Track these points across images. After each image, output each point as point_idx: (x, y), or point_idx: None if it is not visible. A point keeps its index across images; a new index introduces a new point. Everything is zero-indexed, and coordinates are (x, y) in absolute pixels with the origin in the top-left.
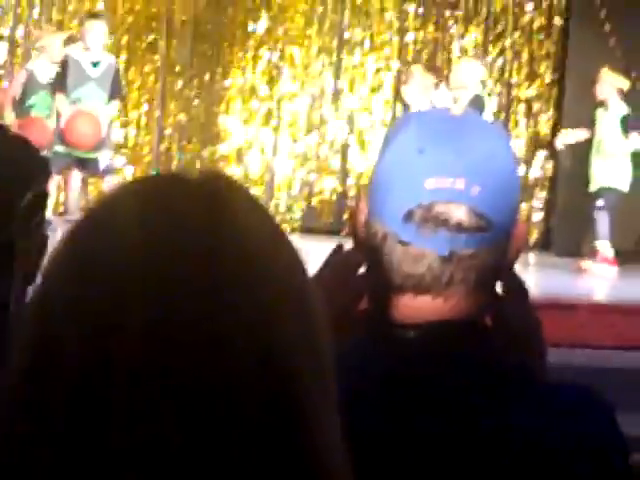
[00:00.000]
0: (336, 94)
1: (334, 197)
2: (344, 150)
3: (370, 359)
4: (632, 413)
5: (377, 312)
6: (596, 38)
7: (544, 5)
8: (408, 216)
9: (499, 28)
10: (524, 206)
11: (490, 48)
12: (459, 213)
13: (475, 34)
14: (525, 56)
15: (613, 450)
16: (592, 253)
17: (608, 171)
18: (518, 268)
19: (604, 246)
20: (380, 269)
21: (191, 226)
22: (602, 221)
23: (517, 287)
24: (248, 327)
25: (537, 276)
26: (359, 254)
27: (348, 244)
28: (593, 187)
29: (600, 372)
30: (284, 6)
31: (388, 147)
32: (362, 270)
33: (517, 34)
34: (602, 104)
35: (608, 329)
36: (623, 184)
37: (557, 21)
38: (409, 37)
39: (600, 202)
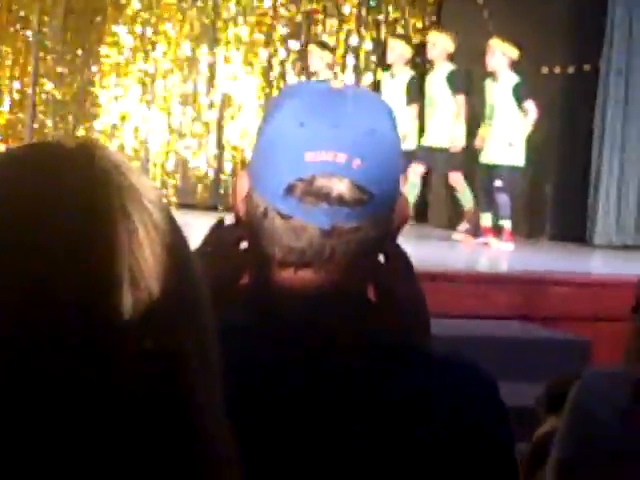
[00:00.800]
0: (211, 69)
1: (209, 172)
2: (219, 125)
3: (252, 334)
4: (506, 382)
5: (259, 287)
6: (469, 10)
7: None
8: (289, 190)
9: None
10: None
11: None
12: (340, 186)
13: (349, 7)
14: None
15: (496, 423)
16: (496, 231)
17: (502, 146)
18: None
19: (507, 225)
20: (261, 243)
21: (66, 187)
22: (503, 201)
23: (400, 260)
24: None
25: (414, 247)
26: (239, 229)
27: (228, 219)
28: (485, 159)
29: (474, 341)
30: None
31: (268, 121)
32: (243, 245)
33: (391, 8)
34: (491, 75)
35: (483, 299)
36: (519, 159)
37: None
38: (280, 11)
39: (498, 183)
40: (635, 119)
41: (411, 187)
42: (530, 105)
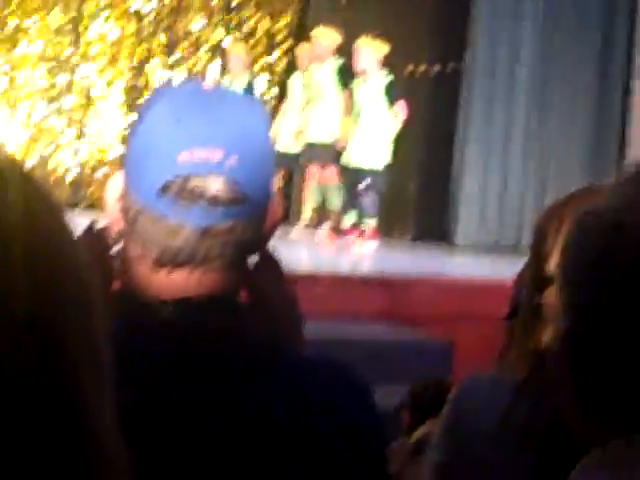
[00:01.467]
0: (74, 65)
1: (71, 170)
2: (81, 122)
3: (126, 337)
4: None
5: (132, 289)
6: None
7: None
8: (164, 189)
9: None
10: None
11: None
12: (216, 185)
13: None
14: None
15: (368, 429)
16: (360, 229)
17: (369, 149)
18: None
19: (373, 223)
20: (136, 244)
21: None
22: (369, 201)
23: (271, 261)
24: (23, 303)
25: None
26: (112, 231)
27: (100, 221)
28: (349, 160)
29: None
30: None
31: (142, 120)
32: (116, 248)
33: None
34: (359, 74)
35: (348, 301)
36: (384, 161)
37: None
38: (146, 8)
39: (361, 186)
40: (497, 119)
41: (314, 192)
42: (401, 105)
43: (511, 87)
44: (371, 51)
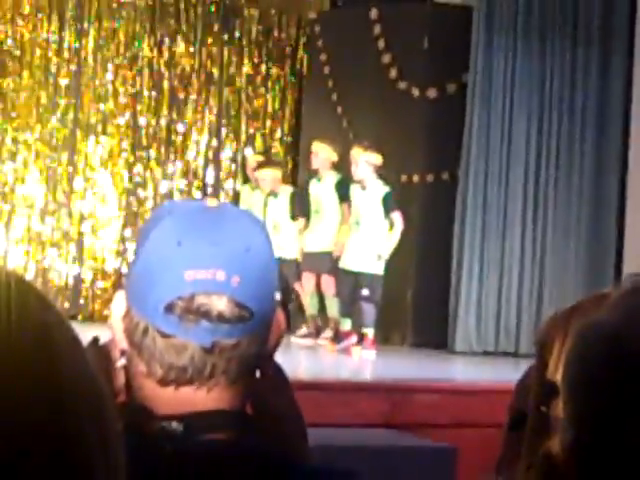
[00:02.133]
0: (70, 178)
1: (70, 282)
2: (80, 235)
3: (134, 452)
4: None
5: (138, 405)
6: (329, 120)
7: (277, 88)
8: (169, 308)
9: (232, 113)
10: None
11: (224, 133)
12: (220, 304)
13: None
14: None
15: None
16: (358, 338)
17: (368, 255)
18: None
19: (370, 333)
20: (141, 361)
21: None
22: (369, 310)
23: (276, 374)
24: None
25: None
26: (116, 346)
27: (103, 334)
28: (348, 265)
29: (342, 450)
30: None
31: (145, 240)
32: (120, 363)
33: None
34: (359, 183)
35: (350, 407)
36: (381, 268)
37: (290, 104)
38: (142, 121)
39: (365, 292)
40: (493, 227)
41: (311, 297)
42: (397, 216)
43: (506, 195)
44: (365, 161)
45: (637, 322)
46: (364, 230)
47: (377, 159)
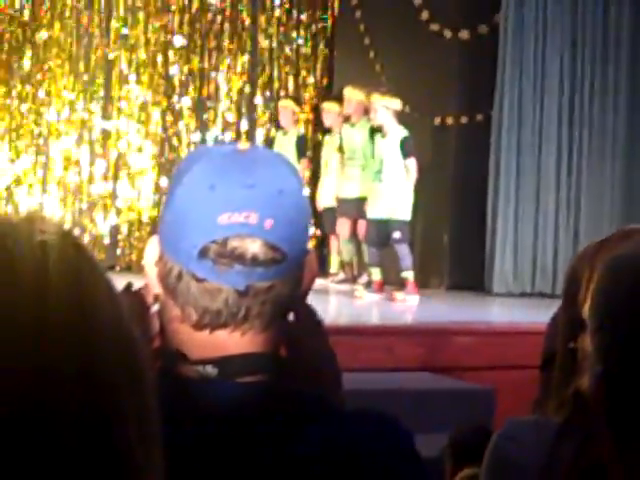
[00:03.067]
0: (105, 130)
1: (105, 233)
2: (114, 186)
3: (169, 396)
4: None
5: (172, 350)
6: (361, 64)
7: (309, 34)
8: (203, 253)
9: (264, 60)
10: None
11: (258, 78)
12: (254, 247)
13: (241, 65)
14: (291, 85)
15: (414, 476)
16: (401, 284)
17: (393, 201)
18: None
19: (410, 275)
20: (176, 306)
21: (18, 266)
22: (404, 252)
23: (309, 317)
24: (72, 360)
25: (317, 301)
26: (149, 292)
27: (136, 281)
28: (376, 214)
29: (380, 394)
30: (49, 43)
31: (178, 184)
32: (154, 308)
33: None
34: (379, 130)
35: (388, 352)
36: (408, 213)
37: (322, 49)
38: (174, 70)
39: (396, 234)
40: (528, 168)
41: (345, 245)
42: (411, 163)
43: (540, 135)
44: (383, 106)
45: None
46: (387, 178)
47: (396, 104)
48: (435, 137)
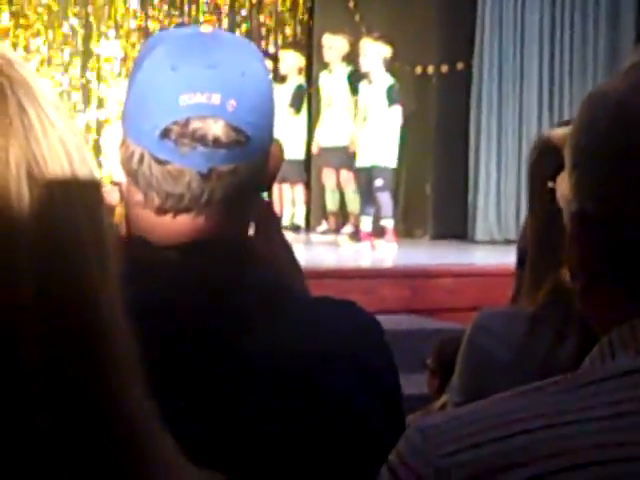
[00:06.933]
0: (85, 84)
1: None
2: (97, 140)
3: (133, 284)
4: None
5: (136, 237)
6: (341, 15)
7: None
8: (164, 134)
9: (244, 12)
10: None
11: (238, 32)
12: (216, 128)
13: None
14: (272, 38)
15: (380, 365)
16: (378, 231)
17: (378, 148)
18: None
19: (390, 224)
20: (138, 191)
21: None
22: (385, 200)
23: (271, 213)
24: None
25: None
26: (111, 193)
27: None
28: (362, 162)
29: None
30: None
31: (140, 67)
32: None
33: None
34: (365, 76)
35: (370, 294)
36: (393, 160)
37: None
38: (152, 25)
39: (379, 182)
40: (510, 115)
41: (329, 194)
42: (395, 110)
43: (521, 83)
44: (374, 52)
45: None
46: (372, 125)
47: (387, 51)
48: (417, 86)
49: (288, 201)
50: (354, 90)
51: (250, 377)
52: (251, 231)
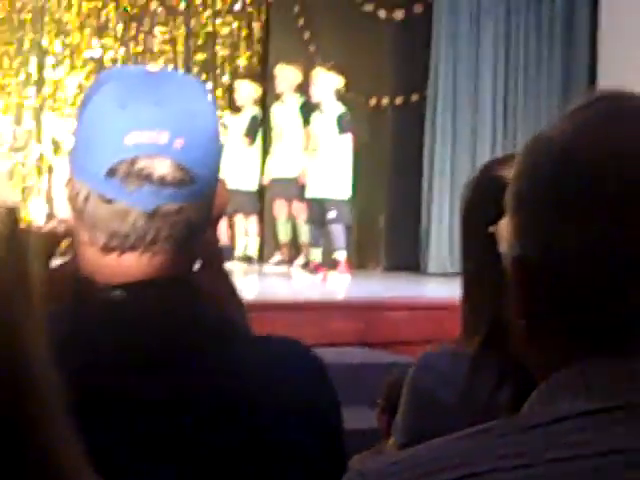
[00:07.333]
0: (37, 113)
1: (41, 218)
2: (50, 170)
3: (77, 324)
4: (351, 407)
5: (82, 275)
6: (295, 46)
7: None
8: (111, 172)
9: (199, 41)
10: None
11: (192, 62)
12: (163, 167)
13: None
14: (228, 68)
15: (325, 401)
16: (331, 263)
17: (330, 178)
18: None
19: (343, 256)
20: (84, 229)
21: None
22: (338, 232)
23: (215, 250)
24: None
25: (253, 281)
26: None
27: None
28: (314, 193)
29: None
30: None
31: (87, 105)
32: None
33: (218, 46)
34: (317, 106)
35: (323, 327)
36: (347, 192)
37: (257, 31)
38: (109, 54)
39: (332, 214)
40: (464, 148)
41: (282, 225)
42: (348, 139)
43: (476, 114)
44: (326, 82)
45: (587, 134)
46: (323, 155)
47: (339, 81)
48: (371, 118)
49: (241, 232)
50: (306, 121)
51: (195, 413)
52: (196, 266)
